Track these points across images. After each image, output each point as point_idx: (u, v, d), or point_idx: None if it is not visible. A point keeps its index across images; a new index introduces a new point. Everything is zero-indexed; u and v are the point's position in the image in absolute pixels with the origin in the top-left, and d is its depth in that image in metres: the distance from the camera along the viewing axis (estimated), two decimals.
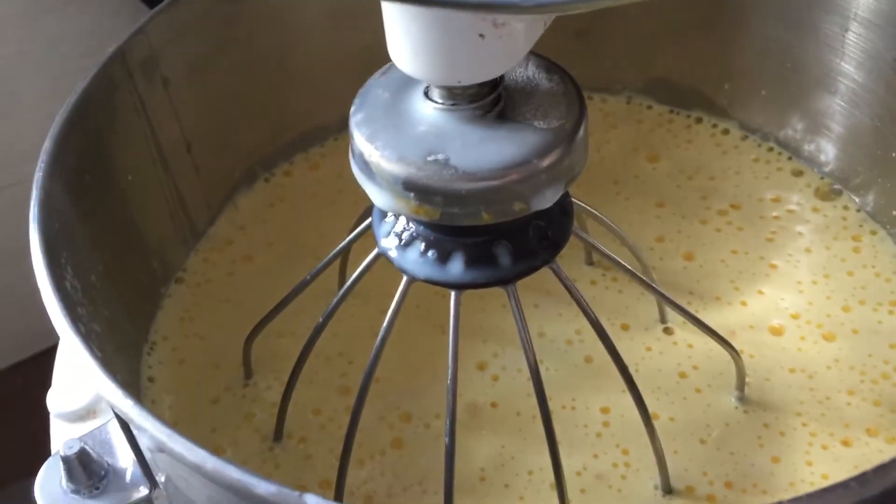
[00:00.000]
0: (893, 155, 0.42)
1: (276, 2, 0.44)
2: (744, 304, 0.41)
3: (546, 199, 0.29)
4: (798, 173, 0.46)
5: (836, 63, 0.43)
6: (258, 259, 0.45)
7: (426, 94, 0.29)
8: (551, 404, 0.32)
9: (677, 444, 0.36)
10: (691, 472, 0.35)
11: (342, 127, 0.50)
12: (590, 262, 0.43)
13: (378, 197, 0.29)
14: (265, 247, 0.45)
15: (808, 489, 0.34)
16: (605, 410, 0.38)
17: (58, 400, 0.38)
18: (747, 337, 0.39)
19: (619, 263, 0.34)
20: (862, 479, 0.23)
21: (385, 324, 0.32)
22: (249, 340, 0.38)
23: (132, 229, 0.40)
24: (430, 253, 0.31)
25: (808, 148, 0.46)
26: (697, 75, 0.49)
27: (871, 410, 0.37)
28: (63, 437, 0.37)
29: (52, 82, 0.61)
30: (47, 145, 0.34)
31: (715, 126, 0.49)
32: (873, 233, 0.43)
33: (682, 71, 0.49)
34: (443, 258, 0.31)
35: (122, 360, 0.38)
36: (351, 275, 0.34)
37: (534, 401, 0.38)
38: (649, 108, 0.50)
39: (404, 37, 0.27)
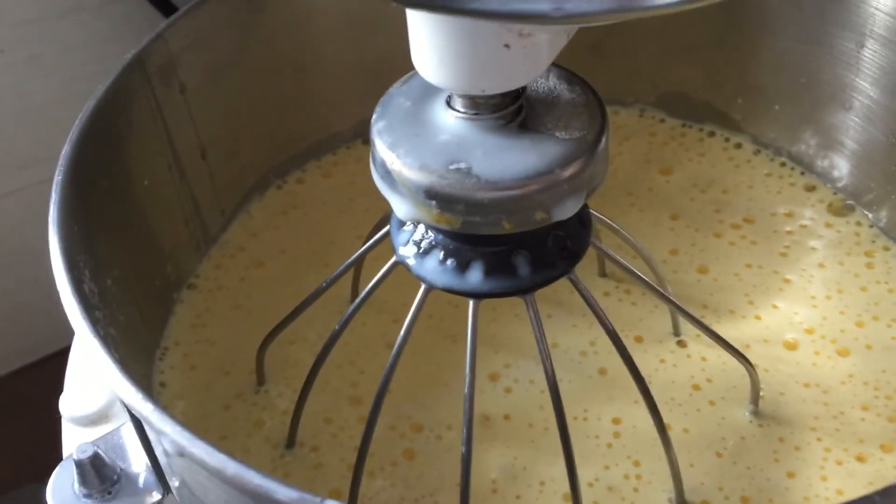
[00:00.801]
0: None
1: (294, 10, 0.45)
2: (758, 317, 0.41)
3: (567, 210, 0.29)
4: (811, 188, 0.46)
5: (851, 79, 0.43)
6: (270, 266, 0.45)
7: (448, 103, 0.29)
8: None
9: (693, 457, 0.36)
10: (707, 486, 0.35)
11: (355, 136, 0.50)
12: (602, 274, 0.43)
13: (399, 205, 0.29)
14: (277, 254, 0.45)
15: None
16: (616, 421, 0.38)
17: (70, 404, 0.38)
18: (761, 351, 0.39)
19: (635, 274, 0.34)
20: (886, 493, 0.23)
21: (402, 333, 0.32)
22: (263, 347, 0.38)
23: (147, 234, 0.40)
24: (448, 262, 0.31)
25: (821, 163, 0.46)
26: (710, 89, 0.49)
27: (886, 426, 0.37)
28: (75, 441, 0.37)
29: (63, 87, 0.61)
30: (67, 149, 0.34)
31: (727, 140, 0.49)
32: (886, 248, 0.43)
33: (695, 85, 0.49)
34: (462, 267, 0.31)
35: (136, 364, 0.37)
36: (364, 283, 0.34)
37: (546, 412, 0.38)
38: (662, 121, 0.50)
39: (429, 46, 0.27)
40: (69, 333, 0.32)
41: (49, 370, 0.45)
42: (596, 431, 0.37)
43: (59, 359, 0.41)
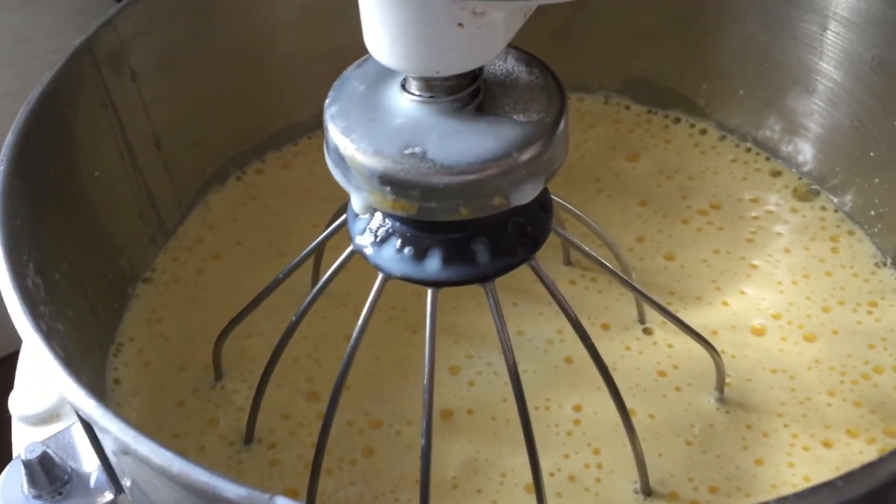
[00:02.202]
0: (871, 155, 0.42)
1: None
2: (725, 304, 0.40)
3: (526, 194, 0.28)
4: (776, 174, 0.46)
5: (815, 62, 0.43)
6: (227, 258, 0.44)
7: (403, 87, 0.28)
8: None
9: (661, 446, 0.35)
10: (677, 477, 0.34)
11: (315, 125, 0.49)
12: (568, 262, 0.42)
13: (354, 193, 0.28)
14: (234, 245, 0.44)
15: (790, 491, 0.34)
16: (577, 408, 0.37)
17: (20, 403, 0.37)
18: (729, 337, 0.39)
19: (599, 262, 0.33)
20: (848, 478, 0.23)
21: (359, 324, 0.31)
22: (220, 341, 0.37)
23: (98, 227, 0.39)
24: (406, 250, 0.30)
25: (786, 148, 0.46)
26: (675, 75, 0.48)
27: (852, 411, 0.36)
28: (25, 440, 0.36)
29: (18, 79, 0.59)
30: (10, 139, 0.33)
31: (693, 126, 0.48)
32: (851, 233, 0.43)
33: (659, 71, 0.49)
34: (419, 255, 0.30)
35: (88, 361, 0.36)
36: (325, 273, 0.33)
37: (509, 405, 0.37)
38: (627, 107, 0.50)
39: (381, 26, 0.26)
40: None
41: (3, 371, 0.44)
42: (556, 420, 0.37)
43: (11, 361, 0.40)
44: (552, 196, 0.32)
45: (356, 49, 0.30)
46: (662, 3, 0.47)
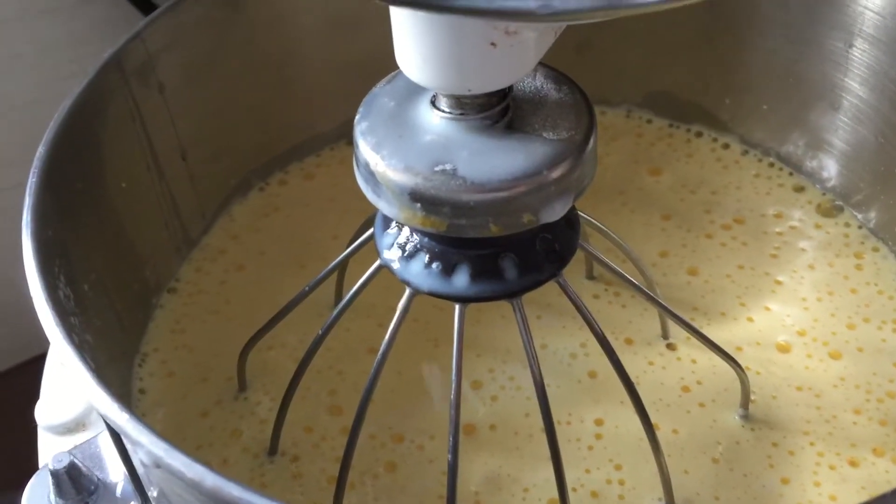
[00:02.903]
0: None
1: (275, 8, 0.44)
2: (750, 320, 0.40)
3: (555, 212, 0.28)
4: (799, 189, 0.46)
5: (840, 79, 0.43)
6: (250, 268, 0.44)
7: (433, 103, 0.29)
8: None
9: (687, 463, 0.35)
10: (703, 496, 0.34)
11: (338, 137, 0.49)
12: (591, 277, 0.42)
13: (384, 207, 0.28)
14: (257, 256, 0.44)
15: None
16: (598, 422, 0.37)
17: (46, 412, 0.37)
18: (754, 354, 0.39)
19: (623, 277, 0.33)
20: (882, 500, 0.22)
21: (387, 338, 0.31)
22: (244, 352, 0.38)
23: (125, 237, 0.39)
24: (434, 265, 0.30)
25: (810, 164, 0.46)
26: (698, 89, 0.48)
27: (878, 430, 0.36)
28: (51, 450, 0.36)
29: (41, 88, 0.60)
30: (41, 151, 0.33)
31: (715, 140, 0.48)
32: (875, 250, 0.43)
33: (682, 85, 0.49)
34: (447, 271, 0.30)
35: (114, 371, 0.37)
36: (348, 287, 0.33)
37: (532, 419, 0.37)
38: (649, 121, 0.50)
39: (413, 44, 0.26)
40: (44, 339, 0.31)
41: (24, 377, 0.44)
42: (577, 434, 0.37)
43: (34, 365, 0.40)
44: (579, 212, 0.32)
45: (380, 61, 0.30)
46: (685, 17, 0.47)
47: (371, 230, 0.32)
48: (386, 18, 0.27)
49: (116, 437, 0.29)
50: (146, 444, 0.25)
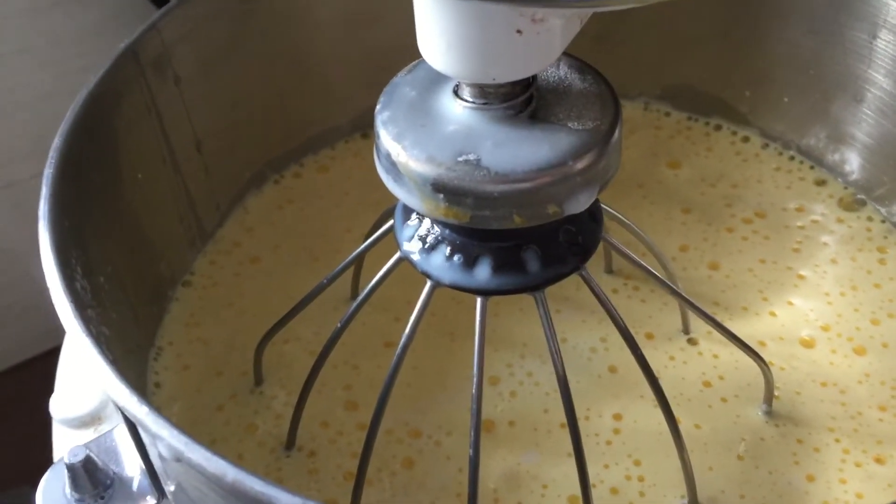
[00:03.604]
0: None
1: (290, 0, 0.43)
2: (773, 314, 0.40)
3: (580, 203, 0.28)
4: (821, 182, 0.45)
5: (863, 70, 0.42)
6: (264, 261, 0.44)
7: (456, 93, 0.28)
8: None
9: (711, 460, 0.35)
10: (728, 494, 0.34)
11: (353, 129, 0.49)
12: (609, 271, 0.42)
13: (405, 198, 0.28)
14: (272, 249, 0.44)
15: None
16: (617, 417, 0.37)
17: (61, 405, 0.37)
18: (777, 349, 0.38)
19: (646, 269, 0.33)
20: None
21: (407, 332, 0.31)
22: (261, 346, 0.37)
23: (141, 230, 0.39)
24: (455, 257, 0.30)
25: (832, 157, 0.45)
26: (717, 82, 0.48)
27: None
28: (66, 443, 0.36)
29: (53, 80, 0.60)
30: (58, 142, 0.33)
31: (735, 134, 0.48)
32: None
33: (701, 77, 0.48)
34: (469, 263, 0.29)
35: (130, 364, 0.36)
36: (365, 280, 0.32)
37: (550, 415, 0.37)
38: (667, 114, 0.49)
39: (437, 32, 0.26)
40: (59, 332, 0.30)
41: (39, 370, 0.44)
42: (596, 429, 0.36)
43: (49, 358, 0.40)
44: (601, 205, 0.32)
45: (395, 53, 0.30)
46: (704, 8, 0.46)
47: (391, 222, 0.32)
48: (402, 11, 0.26)
49: (134, 430, 0.29)
50: (167, 437, 0.24)
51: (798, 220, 0.44)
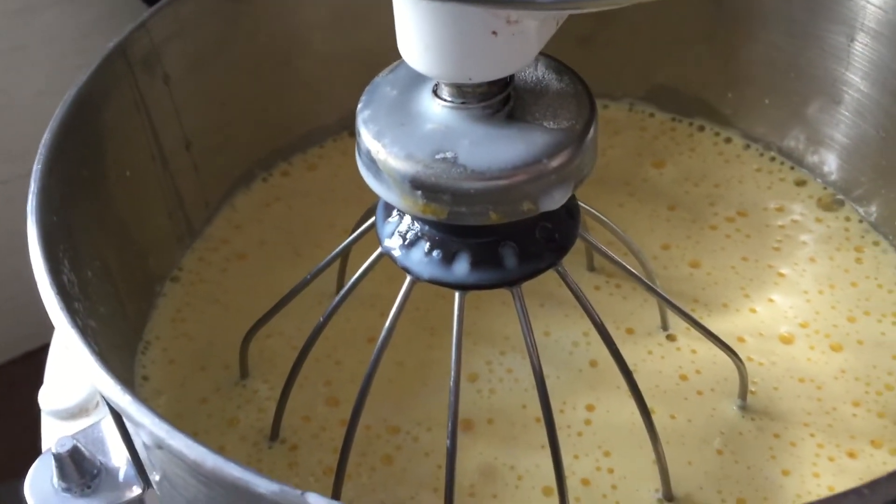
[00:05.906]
0: None
1: (279, 0, 0.44)
2: (753, 311, 0.40)
3: (555, 200, 0.28)
4: (801, 183, 0.46)
5: (841, 73, 0.43)
6: (251, 258, 0.44)
7: (435, 92, 0.29)
8: None
9: (690, 454, 0.35)
10: (706, 490, 0.34)
11: (341, 128, 0.49)
12: (591, 268, 0.43)
13: (385, 195, 0.29)
14: (258, 246, 0.45)
15: None
16: (589, 408, 0.37)
17: (50, 397, 0.38)
18: (756, 345, 0.39)
19: (623, 267, 0.33)
20: (873, 486, 0.23)
21: (387, 326, 0.31)
22: (247, 340, 0.38)
23: (129, 226, 0.40)
24: (434, 253, 0.30)
25: (811, 158, 0.46)
26: (700, 84, 0.48)
27: (876, 422, 0.36)
28: (54, 435, 0.37)
29: (47, 79, 0.60)
30: (46, 138, 0.34)
31: (717, 134, 0.48)
32: (876, 244, 0.43)
33: (684, 79, 0.49)
34: (448, 258, 0.30)
35: (117, 357, 0.37)
36: (350, 276, 0.33)
37: (528, 410, 0.37)
38: (651, 115, 0.50)
39: (416, 33, 0.27)
40: (51, 329, 0.31)
41: (31, 366, 0.44)
42: (569, 421, 0.37)
43: (38, 355, 0.41)
44: (579, 202, 0.32)
45: (383, 53, 0.31)
46: (688, 11, 0.47)
47: (372, 219, 0.32)
48: (389, 11, 0.27)
49: (119, 420, 0.30)
50: (148, 425, 0.25)
51: (778, 220, 0.44)
